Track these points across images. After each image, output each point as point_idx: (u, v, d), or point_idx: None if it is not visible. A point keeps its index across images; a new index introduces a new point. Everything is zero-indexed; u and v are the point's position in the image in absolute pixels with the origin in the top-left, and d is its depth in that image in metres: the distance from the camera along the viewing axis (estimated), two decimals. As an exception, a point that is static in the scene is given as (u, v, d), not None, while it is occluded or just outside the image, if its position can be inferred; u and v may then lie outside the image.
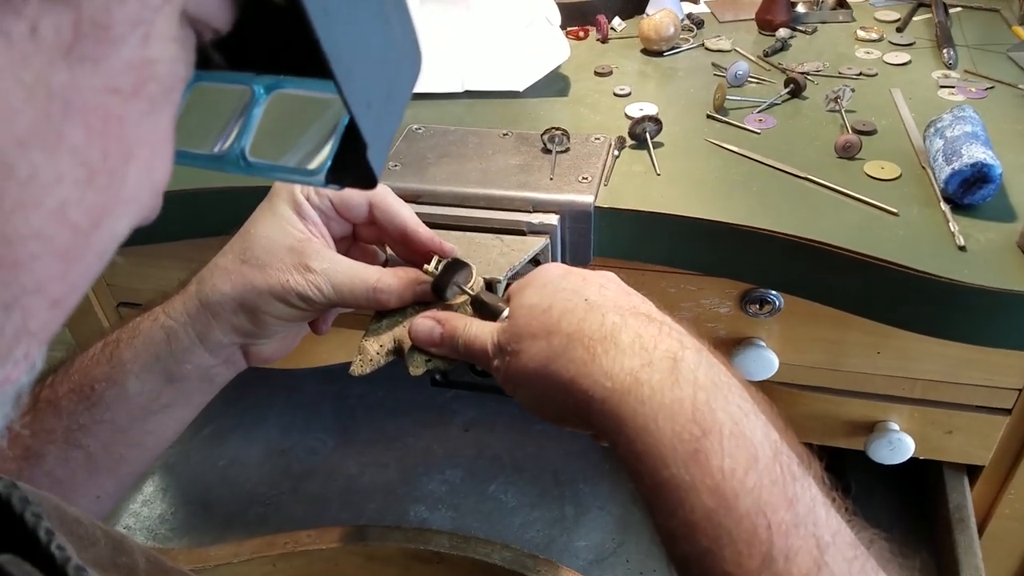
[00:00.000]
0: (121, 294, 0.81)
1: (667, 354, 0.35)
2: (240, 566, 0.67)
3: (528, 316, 0.40)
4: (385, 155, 0.26)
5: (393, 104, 0.25)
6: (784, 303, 0.63)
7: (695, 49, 0.82)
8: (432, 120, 0.71)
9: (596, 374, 0.35)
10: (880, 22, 0.86)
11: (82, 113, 0.18)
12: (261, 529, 0.78)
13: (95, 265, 0.20)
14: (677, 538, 0.32)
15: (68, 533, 0.31)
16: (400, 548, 0.66)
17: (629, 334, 0.36)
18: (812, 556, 0.30)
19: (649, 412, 0.33)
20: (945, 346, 0.61)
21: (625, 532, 0.75)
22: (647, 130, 0.65)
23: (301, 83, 0.26)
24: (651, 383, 0.34)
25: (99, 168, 0.18)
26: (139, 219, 0.21)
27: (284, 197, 0.47)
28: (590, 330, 0.37)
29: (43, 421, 0.45)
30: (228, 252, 0.47)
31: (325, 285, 0.45)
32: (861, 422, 0.69)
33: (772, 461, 0.32)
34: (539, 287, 0.41)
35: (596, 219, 0.59)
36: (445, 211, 0.61)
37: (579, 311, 0.38)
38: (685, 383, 0.34)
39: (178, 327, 0.47)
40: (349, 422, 0.89)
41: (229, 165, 0.27)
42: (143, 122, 0.19)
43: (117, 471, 0.48)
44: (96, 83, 0.18)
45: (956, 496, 0.71)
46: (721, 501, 0.31)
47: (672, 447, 0.32)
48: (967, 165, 0.55)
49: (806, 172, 0.61)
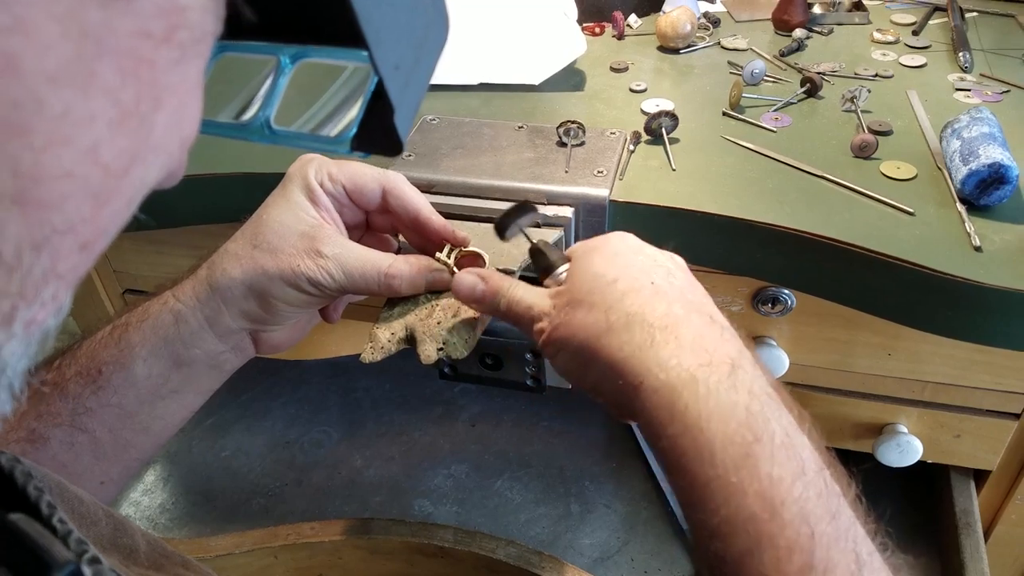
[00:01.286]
0: (128, 281, 0.80)
1: (726, 359, 0.35)
2: (241, 557, 0.67)
3: (591, 283, 0.39)
4: (411, 121, 0.26)
5: (421, 69, 0.25)
6: (796, 302, 0.63)
7: (711, 47, 0.82)
8: (447, 112, 0.70)
9: (650, 362, 0.35)
10: (896, 25, 0.86)
11: (115, 54, 0.17)
12: (263, 521, 0.77)
13: (124, 211, 0.20)
14: (716, 537, 0.32)
15: (69, 511, 0.31)
16: (404, 542, 0.65)
17: (691, 331, 0.36)
18: (850, 570, 0.30)
19: (704, 411, 0.33)
20: (955, 348, 0.61)
21: (630, 531, 0.75)
22: (663, 125, 0.65)
23: (328, 52, 0.26)
24: (708, 383, 0.33)
25: (131, 111, 0.18)
26: (167, 170, 0.21)
27: (297, 183, 0.47)
28: (652, 316, 0.36)
29: (49, 404, 0.45)
30: (239, 237, 0.47)
31: (336, 270, 0.45)
32: (870, 424, 0.69)
33: (817, 475, 0.32)
34: (608, 256, 0.40)
35: (611, 212, 0.59)
36: (459, 202, 0.60)
37: (645, 292, 0.37)
38: (741, 389, 0.34)
39: (187, 311, 0.46)
40: (355, 415, 0.89)
41: (253, 134, 0.27)
42: (173, 70, 0.19)
43: (123, 457, 0.47)
44: (128, 25, 0.18)
45: (963, 500, 0.71)
46: (767, 506, 0.31)
47: (723, 448, 0.32)
48: (984, 165, 0.55)
49: (822, 171, 0.61)
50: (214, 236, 0.73)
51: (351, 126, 0.25)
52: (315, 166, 0.47)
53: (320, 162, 0.47)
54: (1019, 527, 0.71)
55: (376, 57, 0.22)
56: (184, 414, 0.50)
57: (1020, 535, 0.72)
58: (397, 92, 0.24)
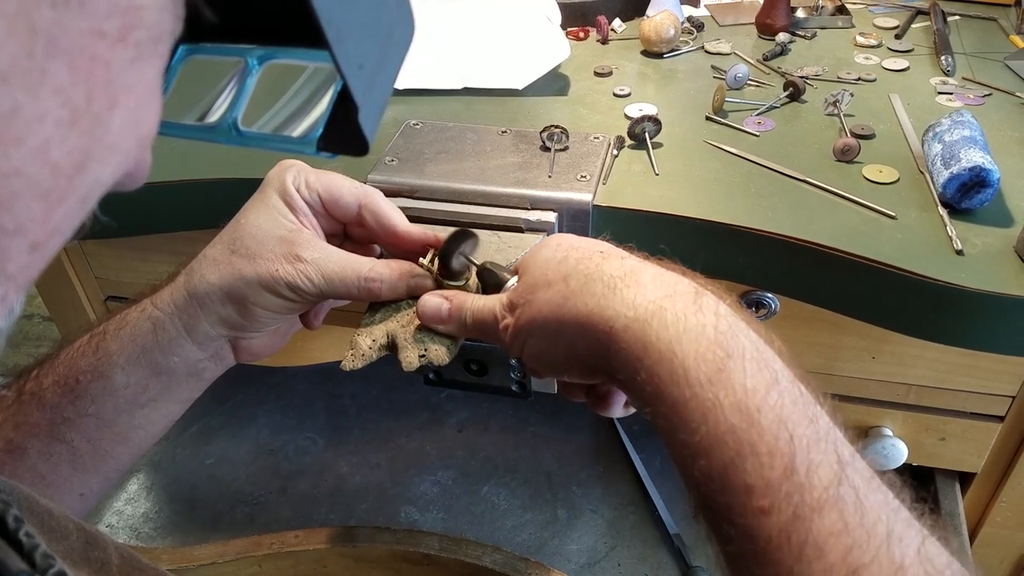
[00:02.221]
0: (110, 288, 0.80)
1: (689, 288, 0.36)
2: (225, 566, 0.66)
3: (543, 266, 0.40)
4: (377, 121, 0.26)
5: (386, 68, 0.25)
6: (780, 306, 0.63)
7: (695, 52, 0.82)
8: (430, 116, 0.70)
9: (617, 305, 0.36)
10: (879, 28, 0.86)
11: (67, 53, 0.17)
12: (248, 529, 0.77)
13: (77, 211, 0.20)
14: (698, 455, 0.32)
15: (39, 524, 0.31)
16: (389, 550, 0.65)
17: (649, 273, 0.37)
18: (833, 470, 0.30)
19: (674, 335, 0.34)
20: (939, 351, 0.61)
21: (617, 536, 0.75)
22: (646, 130, 0.65)
23: (295, 53, 0.25)
24: (675, 310, 0.34)
25: (83, 110, 0.18)
26: (124, 170, 0.21)
27: (275, 188, 0.47)
28: (609, 270, 0.37)
29: (27, 414, 0.44)
30: (218, 243, 0.47)
31: (316, 275, 0.45)
32: (855, 427, 0.69)
33: (792, 384, 0.33)
34: (553, 246, 0.41)
35: (594, 217, 0.59)
36: (442, 207, 0.60)
37: (596, 258, 0.39)
38: (708, 311, 0.34)
39: (165, 318, 0.46)
40: (341, 422, 0.88)
41: (221, 135, 0.27)
42: (129, 70, 0.19)
43: (102, 467, 0.47)
44: (81, 24, 0.18)
45: (948, 503, 0.71)
46: (744, 416, 0.31)
47: (696, 366, 0.33)
48: (965, 169, 0.55)
49: (804, 175, 0.61)
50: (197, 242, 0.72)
51: (317, 126, 0.25)
52: (293, 172, 0.47)
53: (299, 168, 0.47)
54: (1004, 529, 0.71)
55: (338, 56, 0.22)
56: (164, 424, 0.49)
57: (1005, 537, 0.72)
58: (362, 91, 0.24)
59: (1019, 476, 0.67)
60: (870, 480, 0.31)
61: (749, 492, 0.30)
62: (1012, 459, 0.67)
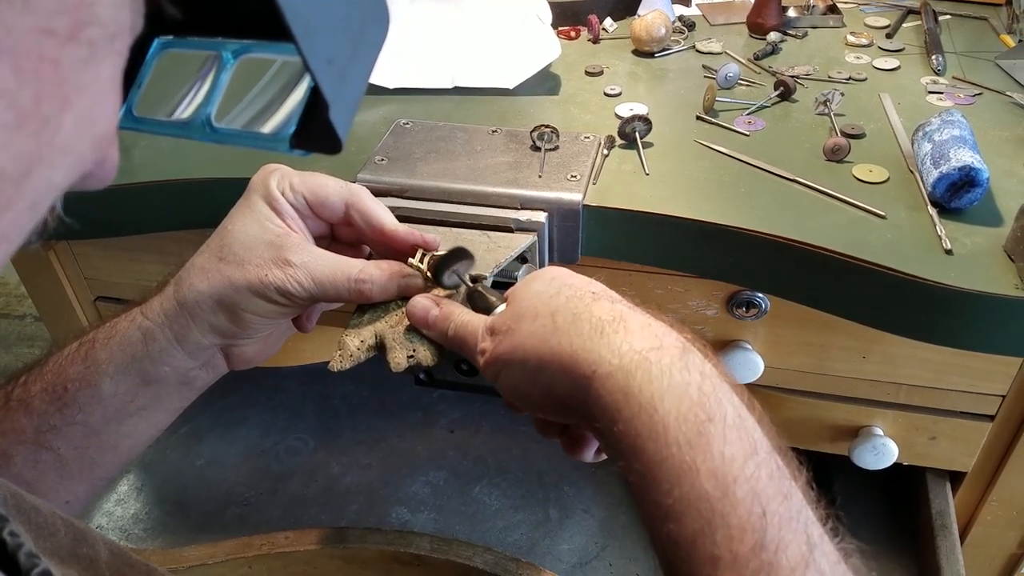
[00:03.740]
0: (99, 288, 0.79)
1: (677, 342, 0.35)
2: (215, 567, 0.66)
3: (533, 299, 0.39)
4: (350, 118, 0.25)
5: (358, 65, 0.24)
6: (770, 306, 0.63)
7: (686, 51, 0.82)
8: (420, 115, 0.70)
9: (602, 349, 0.35)
10: (870, 28, 0.86)
11: (11, 54, 0.17)
12: (238, 530, 0.76)
13: (27, 214, 0.19)
14: (669, 518, 0.31)
15: (26, 522, 0.30)
16: (380, 551, 0.65)
17: (639, 321, 0.36)
18: (801, 551, 0.30)
19: (657, 390, 0.33)
20: (930, 351, 0.61)
21: (608, 536, 0.74)
22: (637, 130, 0.65)
23: (270, 47, 0.25)
24: (660, 364, 0.34)
25: (31, 112, 0.18)
26: (78, 172, 0.21)
27: (260, 193, 0.46)
28: (599, 312, 0.37)
29: (14, 420, 0.44)
30: (205, 251, 0.46)
31: (305, 279, 0.44)
32: (845, 427, 0.69)
33: (769, 455, 0.32)
34: (546, 279, 0.41)
35: (584, 217, 0.59)
36: (432, 206, 0.60)
37: (587, 298, 0.38)
38: (693, 369, 0.34)
39: (155, 327, 0.45)
40: (332, 422, 0.88)
41: (195, 132, 0.26)
42: (83, 69, 0.19)
43: (88, 475, 0.46)
44: (27, 23, 0.17)
45: (939, 502, 0.71)
46: (719, 484, 0.31)
47: (676, 426, 0.32)
48: (955, 169, 0.55)
49: (794, 174, 0.61)
50: (186, 242, 0.72)
51: (289, 123, 0.25)
52: (277, 176, 0.46)
53: (282, 172, 0.47)
54: (995, 528, 0.71)
55: (305, 52, 0.21)
56: (152, 432, 0.49)
57: (996, 536, 0.72)
58: (332, 88, 0.23)
59: (1009, 475, 0.67)
60: (836, 564, 0.30)
61: (715, 564, 0.30)
62: (1002, 458, 0.67)
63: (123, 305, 0.49)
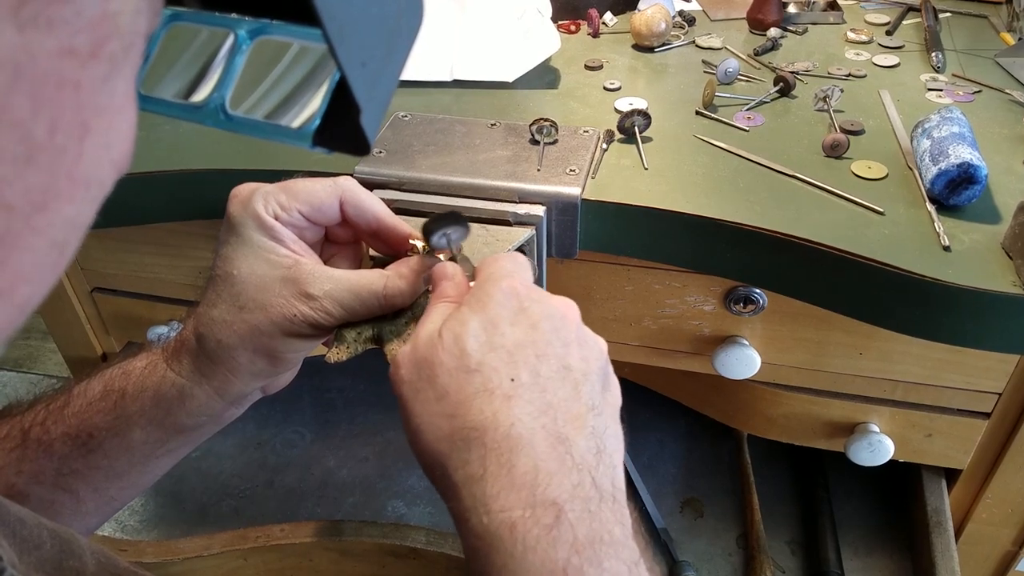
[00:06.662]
0: (96, 279, 0.79)
1: (553, 504, 0.32)
2: (210, 559, 0.66)
3: (454, 362, 0.35)
4: (380, 119, 0.23)
5: (392, 64, 0.22)
6: (768, 302, 0.63)
7: (686, 46, 0.82)
8: (419, 108, 0.70)
9: (479, 496, 0.33)
10: (870, 24, 0.86)
11: (31, 81, 0.15)
12: (234, 523, 0.76)
13: (50, 254, 0.18)
14: None
15: (11, 535, 0.30)
16: (375, 544, 0.65)
17: (528, 460, 0.33)
18: None
19: (519, 569, 0.31)
20: (926, 348, 0.61)
21: (604, 530, 0.74)
22: (636, 124, 0.64)
23: (290, 29, 0.23)
24: (525, 540, 0.31)
25: (44, 145, 0.16)
26: (101, 201, 0.19)
27: (251, 226, 0.42)
28: (493, 437, 0.33)
29: (32, 461, 0.43)
30: (218, 302, 0.43)
31: (333, 307, 0.43)
32: (842, 423, 0.69)
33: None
34: (487, 323, 0.35)
35: (583, 211, 0.58)
36: (431, 199, 0.60)
37: (497, 398, 0.34)
38: (562, 543, 0.31)
39: (192, 385, 0.44)
40: (329, 415, 0.88)
41: (207, 117, 0.24)
42: (102, 89, 0.17)
43: (104, 510, 0.46)
44: (50, 45, 0.15)
45: (934, 499, 0.71)
46: None
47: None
48: (954, 165, 0.55)
49: (793, 170, 0.61)
50: (182, 233, 0.72)
51: (314, 118, 0.23)
52: (260, 201, 0.43)
53: (262, 194, 0.43)
54: (990, 526, 0.71)
55: (340, 55, 0.19)
56: (171, 464, 0.48)
57: (991, 534, 0.72)
58: (364, 91, 0.21)
59: (1005, 473, 0.67)
60: None
61: None
62: (998, 456, 0.67)
63: (142, 348, 0.47)
